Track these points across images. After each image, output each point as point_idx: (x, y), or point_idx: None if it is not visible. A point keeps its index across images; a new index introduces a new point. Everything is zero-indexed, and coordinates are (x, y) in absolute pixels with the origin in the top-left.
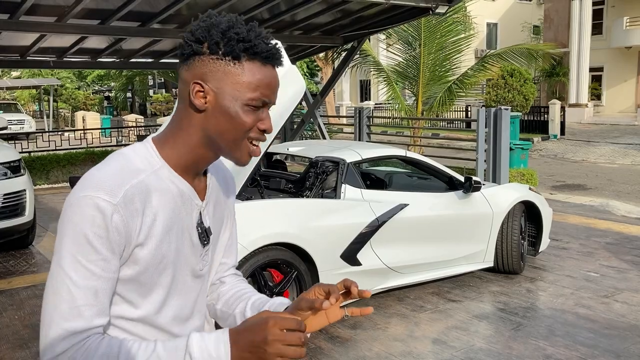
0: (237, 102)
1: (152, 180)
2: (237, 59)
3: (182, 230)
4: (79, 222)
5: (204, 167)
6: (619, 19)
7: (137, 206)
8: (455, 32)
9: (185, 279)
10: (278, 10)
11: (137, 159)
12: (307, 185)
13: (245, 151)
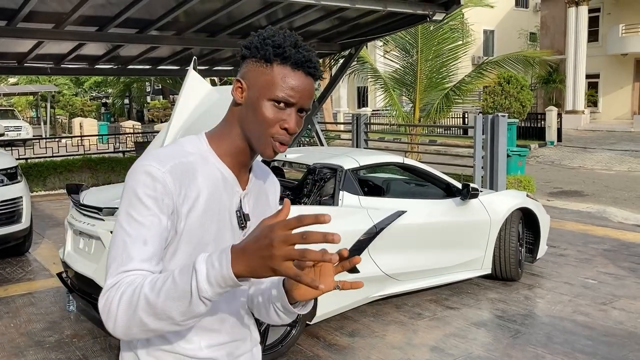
0: (264, 99)
1: (199, 163)
2: (269, 62)
3: (223, 211)
4: (133, 184)
5: (246, 159)
6: (615, 26)
7: (183, 180)
8: (452, 39)
9: None
10: (275, 17)
11: (189, 145)
12: (305, 192)
13: (269, 145)
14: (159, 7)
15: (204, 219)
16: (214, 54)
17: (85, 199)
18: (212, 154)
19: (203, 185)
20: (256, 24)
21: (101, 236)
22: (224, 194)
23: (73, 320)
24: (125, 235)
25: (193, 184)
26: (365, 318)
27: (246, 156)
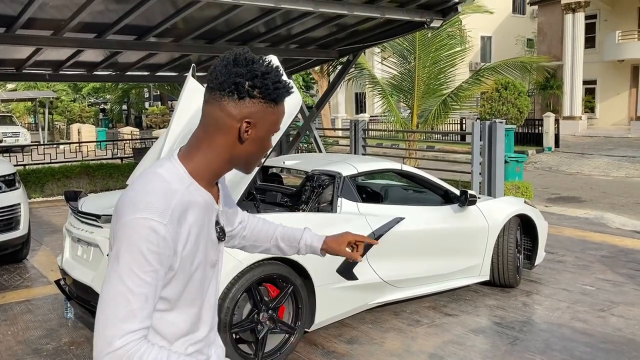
0: (269, 134)
1: (185, 197)
2: (276, 102)
3: (206, 232)
4: (136, 241)
5: (220, 177)
6: (612, 33)
7: (178, 223)
8: (449, 45)
9: (208, 271)
10: (274, 24)
11: (172, 178)
12: (303, 199)
13: (253, 165)
14: (157, 14)
15: (194, 249)
16: (212, 60)
17: (83, 206)
18: (192, 182)
19: (192, 220)
20: (254, 30)
21: (99, 244)
22: (206, 216)
23: (71, 328)
24: (128, 292)
25: (185, 223)
26: (364, 325)
27: (222, 175)
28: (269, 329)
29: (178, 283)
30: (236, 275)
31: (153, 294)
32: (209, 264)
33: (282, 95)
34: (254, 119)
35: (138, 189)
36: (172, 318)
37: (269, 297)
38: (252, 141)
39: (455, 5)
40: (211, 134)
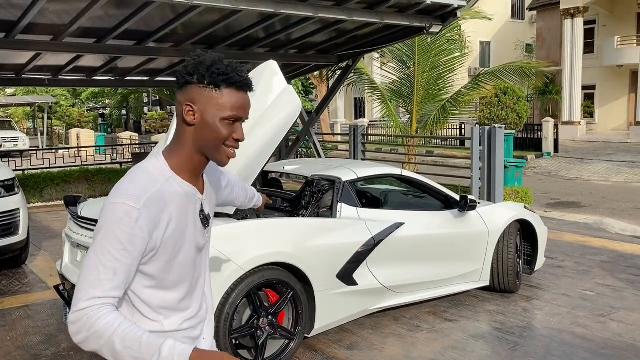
0: (217, 119)
1: (166, 187)
2: (217, 87)
3: (190, 220)
4: (111, 222)
5: (201, 170)
6: (610, 38)
7: (156, 209)
8: (449, 51)
9: (193, 253)
10: (273, 29)
11: (155, 171)
12: (303, 204)
13: (224, 155)
14: (157, 19)
15: (176, 234)
16: None
17: (83, 211)
18: (173, 175)
19: (172, 208)
20: (254, 36)
21: None
22: (189, 205)
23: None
24: (99, 264)
25: (165, 210)
26: (364, 331)
27: (202, 167)
28: (269, 334)
29: (160, 262)
30: (236, 280)
31: (123, 269)
32: (195, 248)
33: (218, 79)
34: (196, 102)
35: (126, 179)
36: (162, 295)
37: (268, 302)
38: (204, 126)
39: (454, 10)
40: (178, 127)
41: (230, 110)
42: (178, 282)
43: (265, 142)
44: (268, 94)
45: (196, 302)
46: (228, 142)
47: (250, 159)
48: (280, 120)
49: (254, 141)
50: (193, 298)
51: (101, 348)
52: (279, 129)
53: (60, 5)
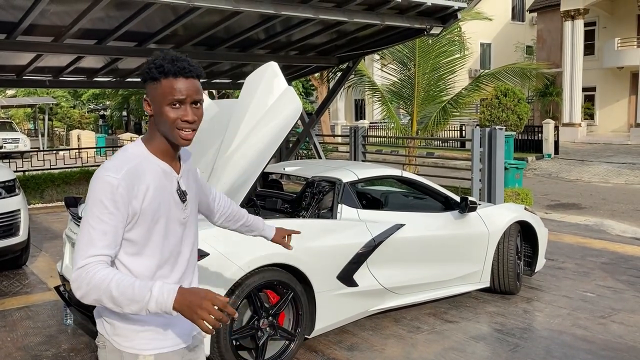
0: (163, 105)
1: (144, 163)
2: (157, 80)
3: (167, 194)
4: (96, 191)
5: (174, 152)
6: (611, 40)
7: (134, 180)
8: (449, 52)
9: (174, 226)
10: (274, 31)
11: (134, 151)
12: (304, 205)
13: (179, 136)
14: (157, 20)
15: (154, 204)
16: (212, 67)
17: (83, 212)
18: (150, 154)
19: (150, 180)
20: (254, 37)
21: None
22: (166, 181)
23: (70, 334)
24: (91, 228)
25: (142, 181)
26: (364, 332)
27: (173, 149)
28: (269, 335)
29: (141, 229)
30: (236, 281)
31: (110, 230)
32: (174, 221)
33: (154, 72)
34: (148, 96)
35: (110, 158)
36: (142, 261)
37: (269, 303)
38: (157, 114)
39: (455, 12)
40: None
41: (170, 95)
42: (156, 250)
43: (266, 143)
44: (269, 96)
45: (177, 274)
46: (178, 124)
47: (251, 160)
48: (281, 122)
49: (255, 142)
50: (174, 270)
51: (100, 297)
52: (279, 130)
53: (61, 7)
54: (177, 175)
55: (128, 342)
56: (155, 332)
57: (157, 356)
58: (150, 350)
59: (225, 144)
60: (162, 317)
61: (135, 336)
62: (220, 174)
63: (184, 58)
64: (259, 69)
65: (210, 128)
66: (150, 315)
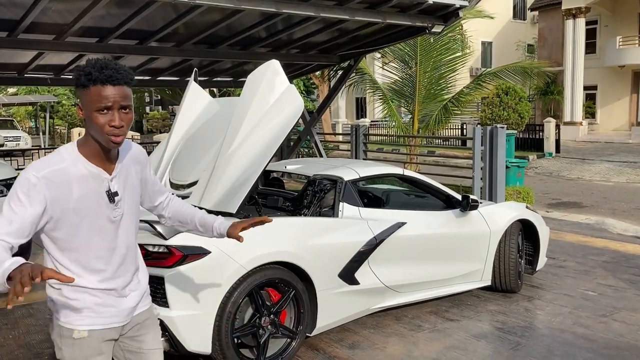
0: (92, 111)
1: (71, 166)
2: (86, 87)
3: (95, 195)
4: (16, 185)
5: (106, 154)
6: (612, 39)
7: (56, 181)
8: (452, 50)
9: (104, 224)
10: (275, 29)
11: (65, 153)
12: (305, 204)
13: (107, 140)
14: (159, 18)
15: (79, 206)
16: (213, 65)
17: None
18: (80, 157)
19: (75, 183)
20: (256, 35)
21: None
22: (94, 183)
23: None
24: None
25: (66, 183)
26: (365, 330)
27: (105, 151)
28: (271, 333)
29: (66, 228)
30: (238, 279)
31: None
32: (104, 219)
33: (83, 80)
34: (80, 102)
35: (41, 158)
36: (73, 256)
37: (270, 301)
38: (87, 119)
39: (456, 10)
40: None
41: (98, 102)
42: (85, 247)
43: (268, 142)
44: (270, 94)
45: (112, 267)
46: (107, 129)
47: (253, 158)
48: (283, 120)
49: (256, 140)
50: (109, 264)
51: None
52: (281, 129)
53: (63, 5)
54: (108, 177)
55: (65, 318)
56: (89, 310)
57: (91, 332)
58: (85, 326)
59: (226, 142)
60: (97, 298)
61: (71, 313)
62: (221, 172)
63: (113, 66)
64: (261, 67)
65: (212, 126)
66: (86, 296)
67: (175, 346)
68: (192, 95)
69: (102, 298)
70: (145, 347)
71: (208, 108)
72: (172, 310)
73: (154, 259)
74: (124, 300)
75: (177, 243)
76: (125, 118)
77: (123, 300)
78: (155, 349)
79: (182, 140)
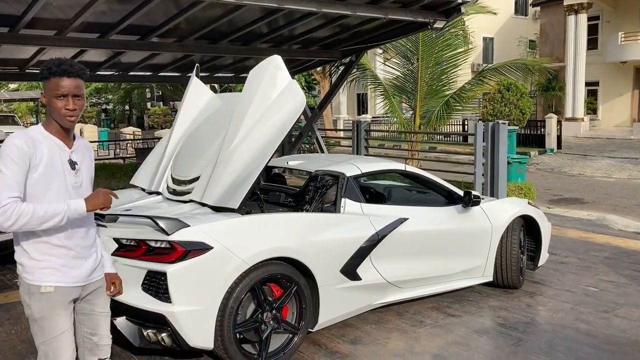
0: (52, 97)
1: (40, 139)
2: (47, 78)
3: (60, 162)
4: (5, 150)
5: (65, 132)
6: (614, 34)
7: (34, 146)
8: (453, 46)
9: (68, 187)
10: (277, 24)
11: (34, 130)
12: (307, 199)
13: (64, 119)
14: (160, 14)
15: (49, 168)
16: (215, 60)
17: None
18: (47, 133)
19: (45, 149)
20: (257, 31)
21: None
22: (59, 152)
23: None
24: (3, 175)
25: (39, 149)
26: (367, 325)
27: (63, 130)
28: (273, 328)
29: (40, 185)
30: (240, 275)
31: (15, 178)
32: (68, 183)
33: (45, 73)
34: (44, 90)
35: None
36: None
37: (272, 297)
38: (49, 104)
39: (458, 6)
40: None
41: (57, 90)
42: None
43: (270, 137)
44: (272, 89)
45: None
46: (63, 111)
47: (255, 154)
48: (285, 115)
49: (258, 136)
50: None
51: (28, 221)
52: (283, 124)
53: (64, 0)
54: (69, 150)
55: (32, 277)
56: (55, 269)
57: (57, 288)
58: (51, 282)
59: (229, 137)
60: (61, 259)
61: (39, 272)
62: (224, 168)
63: (69, 62)
64: (263, 62)
65: (214, 122)
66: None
67: (177, 341)
68: (194, 90)
69: (66, 260)
70: (97, 309)
71: (210, 103)
72: (174, 305)
73: (157, 254)
74: (84, 263)
75: (179, 238)
76: (79, 104)
77: (83, 263)
78: (104, 312)
79: (184, 136)
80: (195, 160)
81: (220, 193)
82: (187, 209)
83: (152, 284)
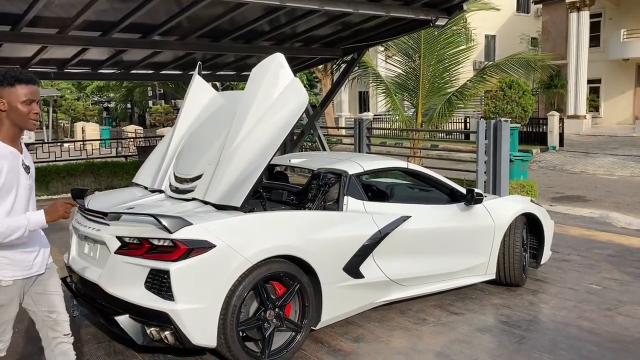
0: (18, 103)
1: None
2: (12, 85)
3: (17, 168)
4: None
5: (17, 138)
6: (617, 32)
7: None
8: (455, 43)
9: (25, 191)
10: (278, 22)
11: None
12: (309, 197)
13: (30, 124)
14: (162, 12)
15: (12, 178)
16: (216, 58)
17: (90, 204)
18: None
19: (6, 161)
20: (259, 29)
21: (106, 241)
22: (15, 160)
23: (77, 326)
24: None
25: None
26: (370, 323)
27: (17, 135)
28: (276, 326)
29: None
30: (243, 273)
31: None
32: (23, 186)
33: (11, 80)
34: (3, 97)
35: None
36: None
37: (275, 295)
38: (13, 110)
39: (460, 3)
40: None
41: (24, 96)
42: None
43: (272, 135)
44: (275, 87)
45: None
46: (31, 115)
47: (257, 152)
48: (287, 113)
49: (261, 134)
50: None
51: None
52: (286, 122)
53: None
54: (21, 155)
55: None
56: (13, 264)
57: (15, 282)
58: (9, 277)
59: (231, 135)
60: (18, 254)
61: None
62: (226, 165)
63: (27, 72)
64: (265, 60)
65: (216, 120)
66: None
67: (180, 339)
68: (196, 88)
69: (22, 255)
70: (50, 289)
71: (212, 101)
72: (177, 303)
73: (160, 252)
74: (37, 256)
75: (182, 237)
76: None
77: (36, 256)
78: (56, 292)
79: (186, 133)
80: (198, 159)
81: (223, 191)
82: (189, 207)
83: (155, 282)
